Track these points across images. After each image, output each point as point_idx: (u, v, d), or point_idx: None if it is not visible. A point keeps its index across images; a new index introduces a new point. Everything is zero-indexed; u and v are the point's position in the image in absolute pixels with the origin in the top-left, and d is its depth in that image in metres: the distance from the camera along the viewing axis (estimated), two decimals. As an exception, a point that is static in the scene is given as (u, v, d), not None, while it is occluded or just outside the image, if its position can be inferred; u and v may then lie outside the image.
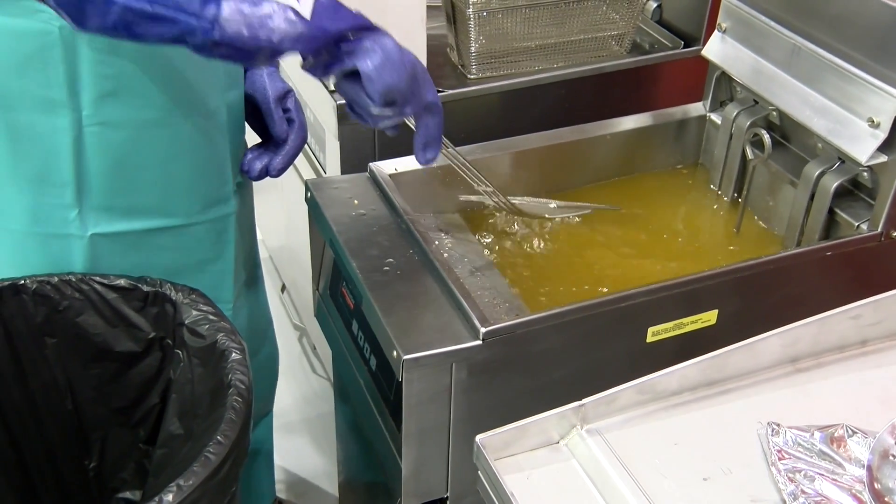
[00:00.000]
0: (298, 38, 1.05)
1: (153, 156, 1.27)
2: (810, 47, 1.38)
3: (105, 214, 1.29)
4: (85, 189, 1.26)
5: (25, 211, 1.28)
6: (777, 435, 1.01)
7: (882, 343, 1.16)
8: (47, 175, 1.25)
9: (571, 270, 1.48)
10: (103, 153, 1.24)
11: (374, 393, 1.35)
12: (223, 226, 1.40)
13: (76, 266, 1.31)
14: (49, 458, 1.38)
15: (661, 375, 1.05)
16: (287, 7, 1.04)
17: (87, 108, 1.20)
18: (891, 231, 1.37)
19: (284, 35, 1.04)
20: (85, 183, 1.26)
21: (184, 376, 1.28)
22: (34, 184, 1.26)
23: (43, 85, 1.18)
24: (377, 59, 1.09)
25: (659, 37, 1.90)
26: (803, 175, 1.43)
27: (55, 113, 1.19)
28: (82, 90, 1.19)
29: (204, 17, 1.01)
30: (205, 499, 1.03)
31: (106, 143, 1.24)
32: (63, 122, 1.21)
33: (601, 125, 1.66)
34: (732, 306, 1.35)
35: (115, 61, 1.18)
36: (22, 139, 1.23)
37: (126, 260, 1.34)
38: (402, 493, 1.30)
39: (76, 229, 1.29)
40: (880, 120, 1.28)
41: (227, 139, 1.36)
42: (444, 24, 1.78)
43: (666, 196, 1.65)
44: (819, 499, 0.94)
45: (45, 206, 1.28)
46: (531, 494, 0.97)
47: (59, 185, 1.26)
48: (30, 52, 1.16)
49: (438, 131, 1.21)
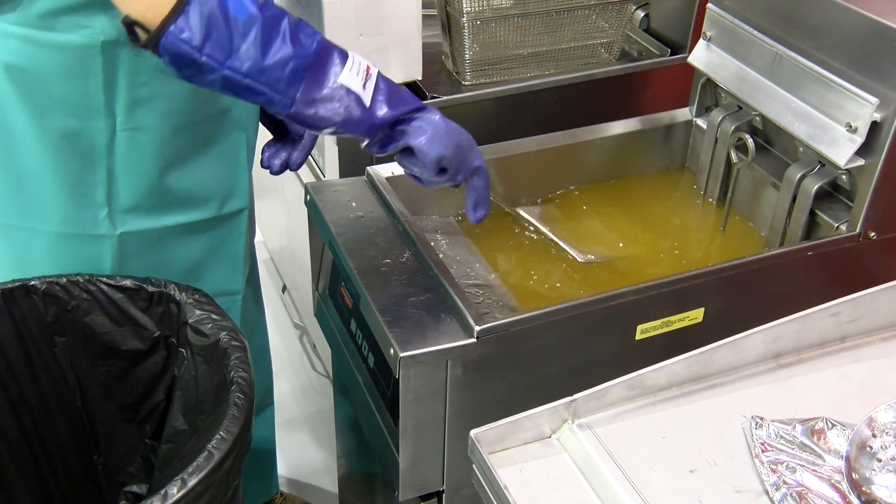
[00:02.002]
0: (359, 124, 1.15)
1: (176, 156, 1.32)
2: (792, 55, 1.39)
3: (132, 213, 1.34)
4: (114, 190, 1.31)
5: (58, 212, 1.32)
6: (760, 428, 1.03)
7: (860, 339, 1.18)
8: (81, 178, 1.29)
9: (562, 269, 1.49)
10: (132, 156, 1.29)
11: (372, 389, 1.36)
12: (238, 219, 1.45)
13: (105, 264, 1.35)
14: (59, 452, 1.39)
15: (649, 371, 1.07)
16: (353, 94, 1.14)
17: (121, 115, 1.26)
18: (868, 232, 1.38)
19: (347, 120, 1.14)
20: (114, 184, 1.30)
21: (188, 374, 1.30)
22: (68, 186, 1.30)
23: (83, 93, 1.23)
24: (427, 135, 1.18)
25: (647, 45, 1.91)
26: (785, 178, 1.44)
27: (91, 118, 1.25)
28: (118, 98, 1.24)
29: (287, 95, 1.11)
30: (208, 492, 1.04)
31: (135, 146, 1.28)
32: (98, 126, 1.26)
33: (592, 130, 1.67)
34: (718, 304, 1.36)
35: (149, 72, 1.24)
36: (58, 144, 1.27)
37: (150, 256, 1.38)
38: (400, 486, 1.31)
39: (106, 229, 1.33)
40: (857, 125, 1.29)
41: (242, 134, 1.39)
42: (439, 32, 1.79)
43: (653, 198, 1.66)
44: (800, 489, 0.96)
45: (77, 208, 1.32)
46: (524, 487, 0.98)
47: (91, 187, 1.30)
48: (73, 64, 1.21)
49: (486, 192, 1.29)
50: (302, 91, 1.11)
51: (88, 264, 1.35)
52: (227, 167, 1.40)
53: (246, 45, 1.08)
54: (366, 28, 1.57)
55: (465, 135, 1.23)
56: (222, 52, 1.07)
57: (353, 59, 1.15)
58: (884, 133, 1.29)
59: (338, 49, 1.14)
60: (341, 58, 1.14)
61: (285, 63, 1.09)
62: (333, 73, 1.13)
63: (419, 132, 1.18)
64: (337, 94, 1.13)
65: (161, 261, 1.39)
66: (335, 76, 1.13)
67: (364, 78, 1.15)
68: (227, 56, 1.07)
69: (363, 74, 1.15)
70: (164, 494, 1.00)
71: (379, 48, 1.61)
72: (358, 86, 1.14)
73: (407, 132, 1.18)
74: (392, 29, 1.59)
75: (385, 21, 1.58)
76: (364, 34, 1.58)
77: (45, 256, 1.36)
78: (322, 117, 1.14)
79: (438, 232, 1.44)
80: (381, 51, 1.61)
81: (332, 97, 1.13)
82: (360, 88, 1.14)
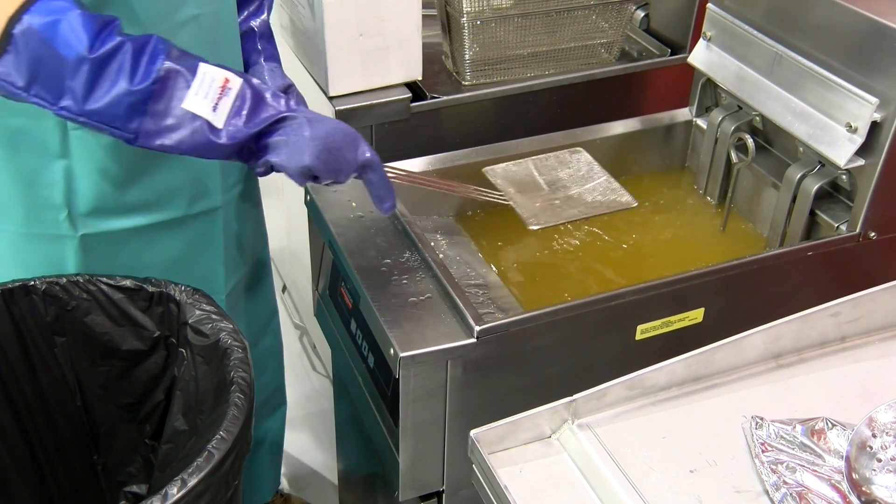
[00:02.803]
0: (210, 149, 1.12)
1: (139, 156, 1.28)
2: (791, 55, 1.40)
3: (94, 215, 1.31)
4: (73, 191, 1.29)
5: (19, 212, 1.31)
6: (760, 428, 1.03)
7: (860, 339, 1.18)
8: (36, 178, 1.28)
9: (563, 270, 1.50)
10: (90, 157, 1.27)
11: (373, 389, 1.37)
12: (212, 219, 1.42)
13: (70, 265, 1.33)
14: (59, 452, 1.39)
15: (649, 371, 1.07)
16: (200, 119, 1.11)
17: None
18: (868, 232, 1.39)
19: (195, 147, 1.12)
20: (73, 186, 1.28)
21: (188, 374, 1.30)
22: (24, 185, 1.29)
23: None
24: (287, 149, 1.14)
25: (647, 45, 1.91)
26: (785, 178, 1.44)
27: (39, 117, 1.22)
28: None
29: (128, 130, 1.10)
30: (208, 492, 1.04)
31: (92, 148, 1.27)
32: (47, 125, 1.24)
33: (591, 130, 1.67)
34: (718, 305, 1.36)
35: None
36: (10, 142, 1.26)
37: (119, 258, 1.36)
38: (400, 486, 1.31)
39: (67, 230, 1.32)
40: (857, 125, 1.30)
41: None
42: (439, 32, 1.79)
43: (653, 198, 1.66)
44: (800, 489, 0.96)
45: (37, 208, 1.30)
46: (524, 487, 0.99)
47: (47, 187, 1.28)
48: None
49: (384, 183, 1.24)
50: (143, 123, 1.10)
51: (53, 265, 1.33)
52: (192, 167, 1.36)
53: (76, 84, 1.06)
54: (366, 28, 1.58)
55: (338, 134, 1.17)
56: (51, 93, 1.06)
57: (203, 79, 1.11)
58: (884, 133, 1.29)
59: (185, 71, 1.11)
60: (187, 81, 1.11)
61: (120, 99, 1.08)
62: (177, 98, 1.10)
63: (278, 148, 1.15)
64: (182, 121, 1.11)
65: (131, 264, 1.36)
66: (179, 102, 1.10)
67: (217, 97, 1.11)
68: (57, 97, 1.07)
69: (215, 93, 1.11)
70: (164, 494, 1.00)
71: (379, 48, 1.61)
72: (206, 108, 1.11)
73: (269, 147, 1.15)
74: (392, 29, 1.60)
75: (385, 21, 1.58)
76: (364, 34, 1.58)
77: (9, 256, 1.35)
78: (169, 147, 1.12)
79: (438, 232, 1.45)
80: (381, 51, 1.61)
81: (177, 125, 1.11)
82: (208, 111, 1.11)
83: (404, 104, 1.67)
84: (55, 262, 1.34)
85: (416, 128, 1.70)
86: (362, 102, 1.64)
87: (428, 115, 1.70)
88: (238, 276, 1.55)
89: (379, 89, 1.66)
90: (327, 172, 1.17)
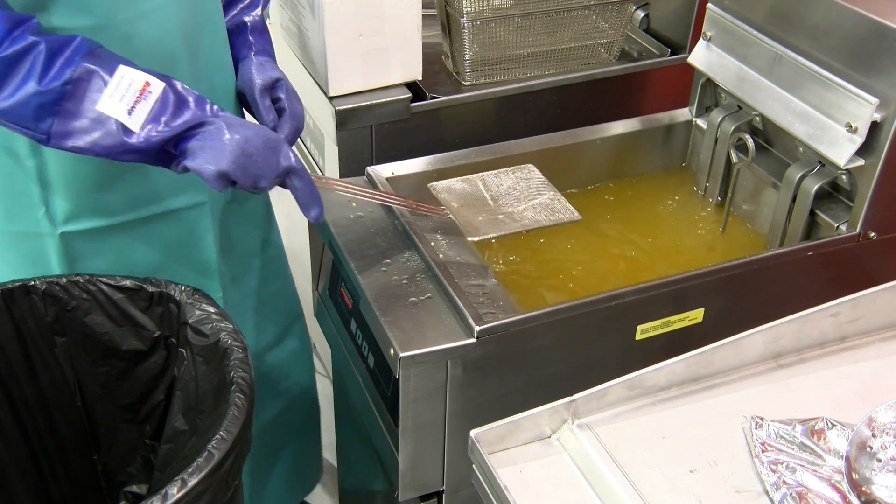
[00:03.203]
0: (125, 151, 1.12)
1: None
2: (791, 55, 1.40)
3: (72, 213, 1.30)
4: (49, 188, 1.28)
5: (1, 208, 1.30)
6: (760, 428, 1.03)
7: (860, 339, 1.19)
8: (11, 174, 1.27)
9: (563, 270, 1.50)
10: (59, 155, 1.25)
11: (373, 390, 1.37)
12: (197, 214, 1.40)
13: (53, 263, 1.33)
14: (59, 452, 1.39)
15: (649, 371, 1.07)
16: (113, 120, 1.10)
17: None
18: (868, 232, 1.39)
19: (109, 149, 1.11)
20: (48, 184, 1.27)
21: (188, 374, 1.30)
22: (5, 182, 1.28)
23: None
24: (203, 153, 1.14)
25: (647, 45, 1.91)
26: (785, 178, 1.44)
27: None
28: None
29: (39, 130, 1.10)
30: (208, 492, 1.04)
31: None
32: None
33: (592, 130, 1.67)
34: (718, 305, 1.36)
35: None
36: None
37: (104, 257, 1.35)
38: (400, 486, 1.31)
39: (46, 227, 1.31)
40: (857, 125, 1.30)
41: None
42: (439, 32, 1.79)
43: (653, 198, 1.67)
44: (800, 489, 0.97)
45: (15, 205, 1.29)
46: (524, 487, 0.99)
47: (23, 184, 1.27)
48: None
49: (309, 191, 1.22)
50: (55, 125, 1.09)
51: (36, 262, 1.33)
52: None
53: None
54: (366, 28, 1.58)
55: (258, 139, 1.16)
56: None
57: (120, 82, 1.10)
58: (884, 133, 1.29)
59: (102, 72, 1.10)
60: (104, 82, 1.10)
61: (28, 99, 1.07)
62: (90, 100, 1.09)
63: (195, 152, 1.14)
64: (95, 123, 1.10)
65: (118, 262, 1.35)
66: (93, 104, 1.09)
67: (135, 100, 1.10)
68: None
69: (133, 96, 1.10)
70: (164, 494, 1.00)
71: (379, 48, 1.61)
72: (121, 111, 1.10)
73: (186, 152, 1.14)
74: (392, 29, 1.60)
75: (385, 21, 1.58)
76: (364, 34, 1.58)
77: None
78: (81, 148, 1.11)
79: (438, 232, 1.45)
80: (381, 51, 1.62)
81: (90, 127, 1.10)
82: (123, 114, 1.10)
83: (404, 104, 1.67)
84: (38, 259, 1.33)
85: (416, 128, 1.70)
86: (362, 102, 1.64)
87: (428, 116, 1.71)
88: (241, 273, 1.54)
89: (379, 89, 1.66)
90: (245, 177, 1.16)
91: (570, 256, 1.52)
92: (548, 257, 1.52)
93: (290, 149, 1.20)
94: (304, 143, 1.92)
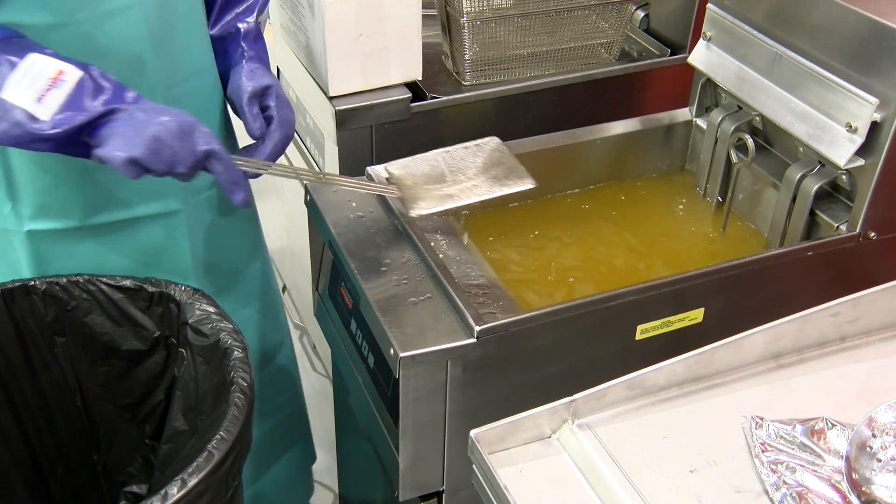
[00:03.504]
0: (32, 140, 1.09)
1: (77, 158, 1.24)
2: (791, 55, 1.40)
3: (38, 212, 1.29)
4: (15, 185, 1.27)
5: None
6: (760, 428, 1.03)
7: (860, 339, 1.19)
8: None
9: (563, 270, 1.50)
10: (25, 153, 1.24)
11: (372, 390, 1.37)
12: (172, 222, 1.38)
13: (22, 262, 1.32)
14: (59, 452, 1.39)
15: (649, 371, 1.07)
16: (19, 109, 1.07)
17: None
18: (868, 232, 1.39)
19: (15, 138, 1.09)
20: (13, 180, 1.26)
21: (188, 374, 1.30)
22: None
23: None
24: (111, 140, 1.11)
25: (647, 45, 1.91)
26: (785, 178, 1.44)
27: None
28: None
29: None
30: (208, 492, 1.05)
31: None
32: None
33: (591, 130, 1.67)
34: (718, 305, 1.36)
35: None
36: None
37: (74, 260, 1.33)
38: (400, 486, 1.31)
39: (12, 224, 1.30)
40: (857, 125, 1.30)
41: None
42: (439, 32, 1.79)
43: (654, 198, 1.67)
44: (800, 489, 0.97)
45: None
46: (524, 487, 0.99)
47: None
48: None
49: (231, 175, 1.19)
50: None
51: (8, 261, 1.31)
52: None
53: None
54: (366, 28, 1.58)
55: (172, 125, 1.12)
56: None
57: (29, 70, 1.08)
58: (884, 133, 1.29)
59: (10, 59, 1.08)
60: (10, 68, 1.08)
61: None
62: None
63: (105, 140, 1.11)
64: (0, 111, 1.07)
65: (89, 267, 1.33)
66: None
67: (45, 88, 1.08)
68: None
69: (43, 84, 1.08)
70: (164, 494, 1.00)
71: (379, 48, 1.61)
72: (28, 99, 1.07)
73: (97, 139, 1.12)
74: (392, 29, 1.60)
75: (385, 21, 1.58)
76: (364, 34, 1.58)
77: None
78: None
79: (438, 232, 1.45)
80: (381, 51, 1.62)
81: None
82: (30, 102, 1.07)
83: (404, 104, 1.67)
84: (8, 258, 1.32)
85: (416, 128, 1.70)
86: (362, 102, 1.64)
87: (428, 116, 1.71)
88: (225, 289, 1.50)
89: (379, 89, 1.66)
90: (159, 164, 1.12)
91: (570, 256, 1.52)
92: (548, 257, 1.52)
93: (209, 132, 1.16)
94: (304, 143, 1.92)
